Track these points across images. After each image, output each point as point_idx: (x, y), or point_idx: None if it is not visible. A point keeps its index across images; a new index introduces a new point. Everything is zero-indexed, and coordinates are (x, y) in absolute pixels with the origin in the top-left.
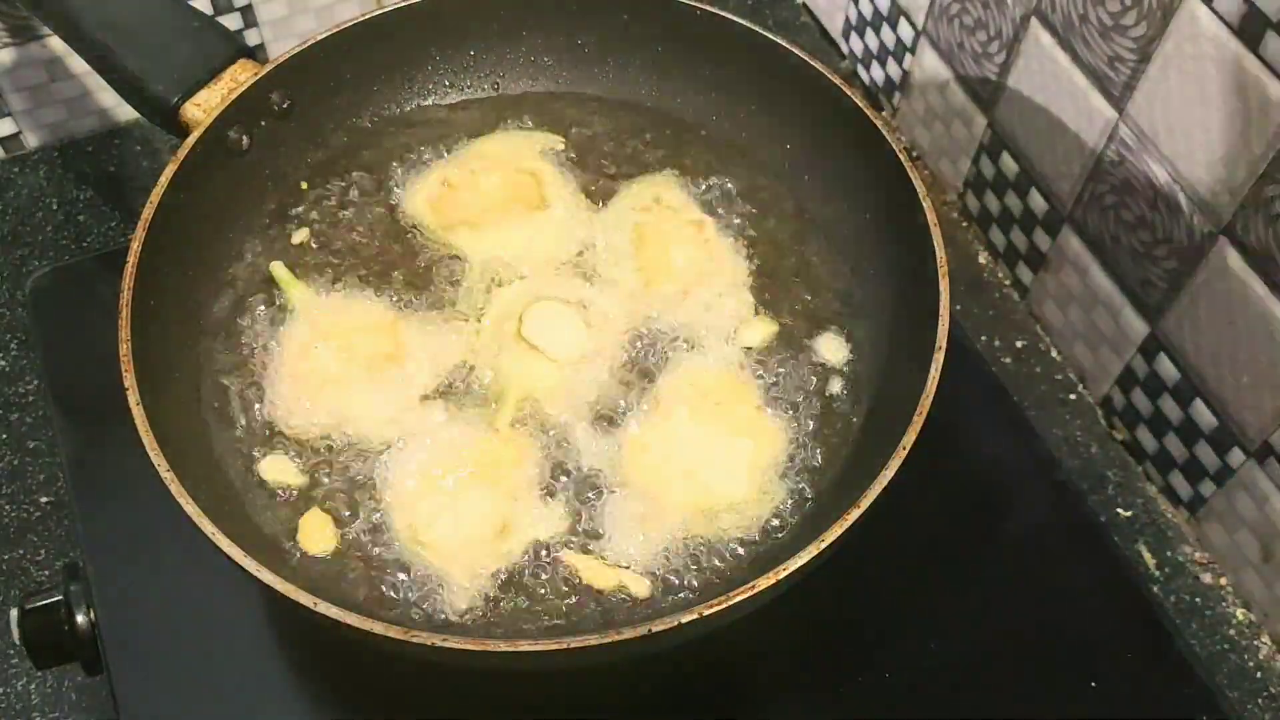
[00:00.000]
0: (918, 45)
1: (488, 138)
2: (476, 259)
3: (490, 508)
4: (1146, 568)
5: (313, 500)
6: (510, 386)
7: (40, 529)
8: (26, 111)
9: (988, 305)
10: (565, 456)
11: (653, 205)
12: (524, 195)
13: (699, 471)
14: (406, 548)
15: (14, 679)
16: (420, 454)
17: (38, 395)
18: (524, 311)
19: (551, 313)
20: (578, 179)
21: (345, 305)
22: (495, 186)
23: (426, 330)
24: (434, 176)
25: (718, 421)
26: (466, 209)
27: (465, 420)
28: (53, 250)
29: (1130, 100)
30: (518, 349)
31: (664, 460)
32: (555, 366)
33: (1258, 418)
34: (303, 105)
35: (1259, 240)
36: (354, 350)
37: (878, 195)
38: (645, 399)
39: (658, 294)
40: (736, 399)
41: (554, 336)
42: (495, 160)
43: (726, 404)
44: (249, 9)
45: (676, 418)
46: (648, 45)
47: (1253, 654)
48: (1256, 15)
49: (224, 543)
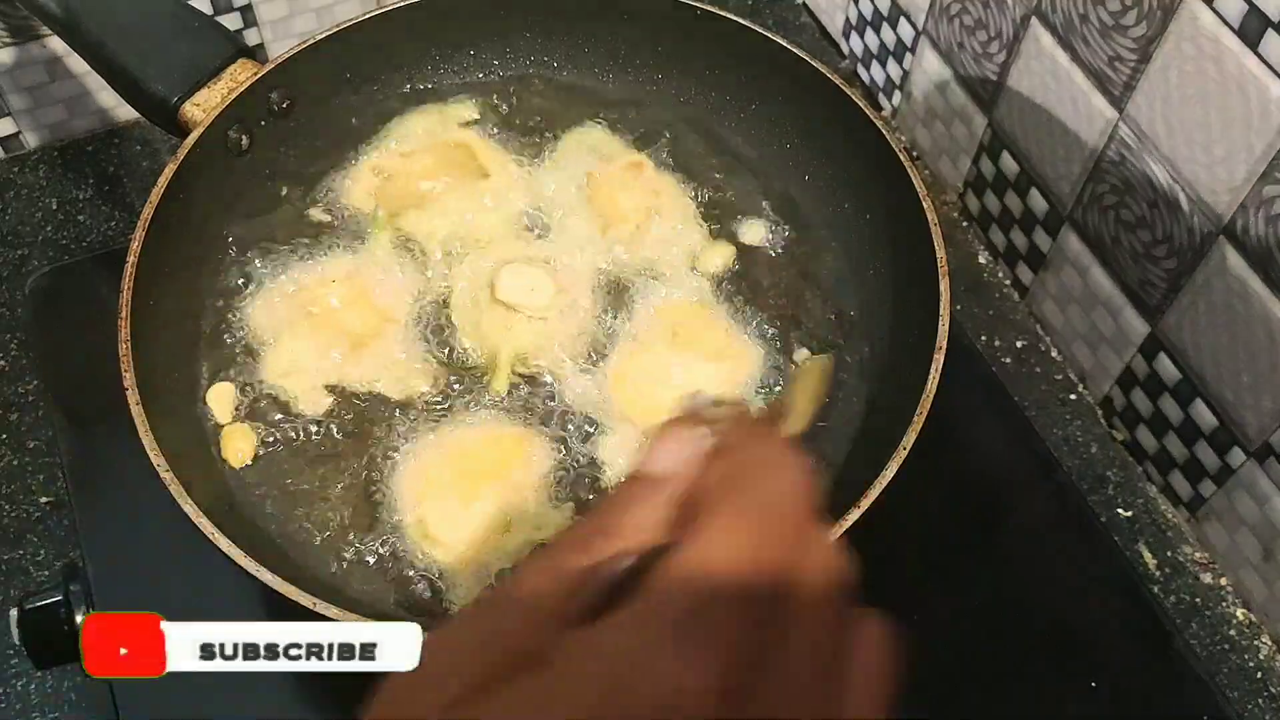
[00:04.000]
0: (918, 45)
1: (402, 119)
2: (435, 236)
3: (497, 504)
4: (1146, 568)
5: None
6: (500, 350)
7: (40, 529)
8: (26, 111)
9: (988, 305)
10: (561, 406)
11: (587, 155)
12: (461, 167)
13: (680, 394)
14: (415, 545)
15: (14, 679)
16: (429, 451)
17: (38, 395)
18: (494, 276)
19: (521, 272)
20: (507, 144)
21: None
22: (430, 165)
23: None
24: (364, 168)
25: (692, 347)
26: (408, 192)
27: (462, 393)
28: (53, 250)
29: (1130, 100)
30: (496, 313)
31: (648, 389)
32: (536, 322)
33: (1258, 418)
34: (303, 105)
35: (1259, 240)
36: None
37: (878, 195)
38: (623, 336)
39: (615, 237)
40: (705, 325)
41: (529, 293)
42: (419, 139)
43: (698, 330)
44: (249, 9)
45: (654, 349)
46: (647, 45)
47: (1253, 654)
48: (1257, 15)
49: (224, 543)
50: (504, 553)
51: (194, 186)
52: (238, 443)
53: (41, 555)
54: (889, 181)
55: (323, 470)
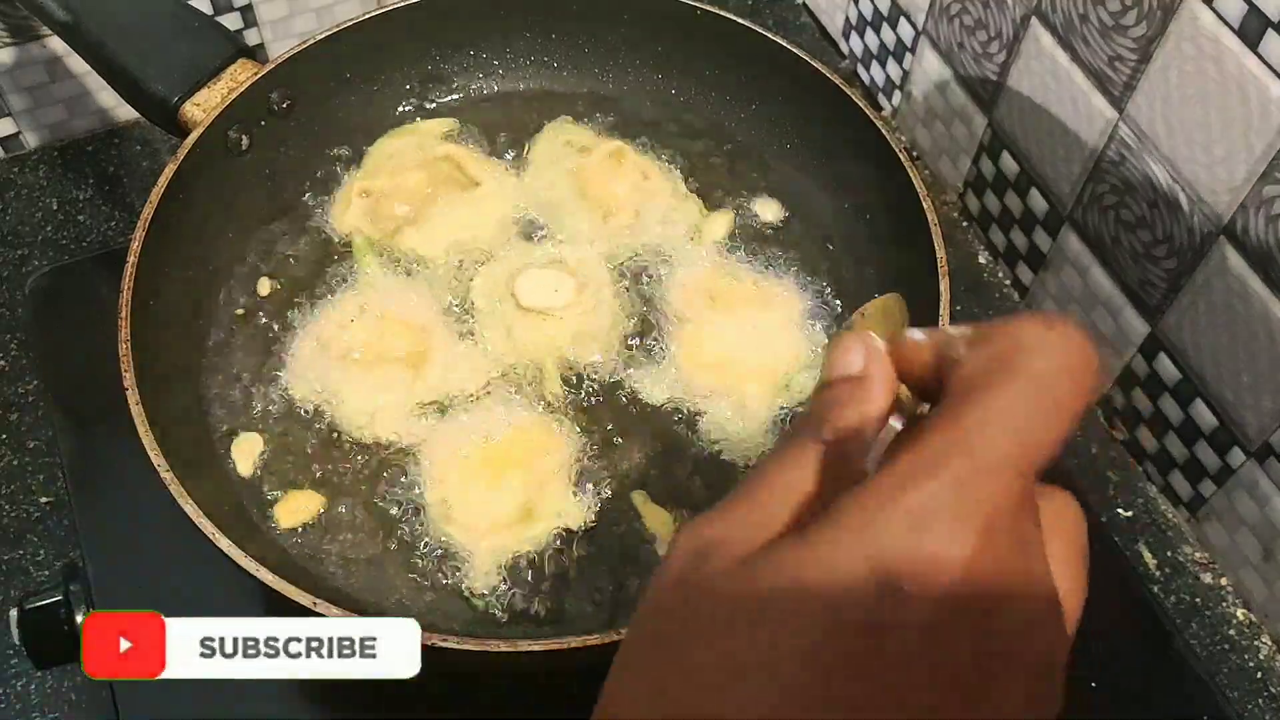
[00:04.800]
0: (918, 45)
1: (385, 139)
2: (436, 251)
3: (519, 491)
4: (1146, 568)
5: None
6: (543, 356)
7: (40, 529)
8: (26, 111)
9: (988, 305)
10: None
11: (567, 151)
12: (450, 179)
13: (750, 352)
14: (436, 527)
15: (14, 679)
16: (457, 437)
17: (38, 395)
18: (513, 286)
19: (539, 276)
20: (489, 152)
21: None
22: (419, 180)
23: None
24: (352, 190)
25: (736, 305)
26: (400, 211)
27: (517, 403)
28: (53, 250)
29: (1130, 100)
30: (526, 320)
31: (726, 356)
32: (568, 320)
33: (1258, 418)
34: (303, 105)
35: (1259, 240)
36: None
37: (878, 195)
38: (668, 319)
39: (618, 225)
40: (736, 283)
41: (553, 295)
42: (403, 157)
43: (732, 289)
44: (249, 9)
45: (706, 319)
46: (647, 45)
47: (1253, 654)
48: (1257, 15)
49: (224, 543)
50: (525, 539)
51: (194, 186)
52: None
53: (41, 555)
54: (889, 181)
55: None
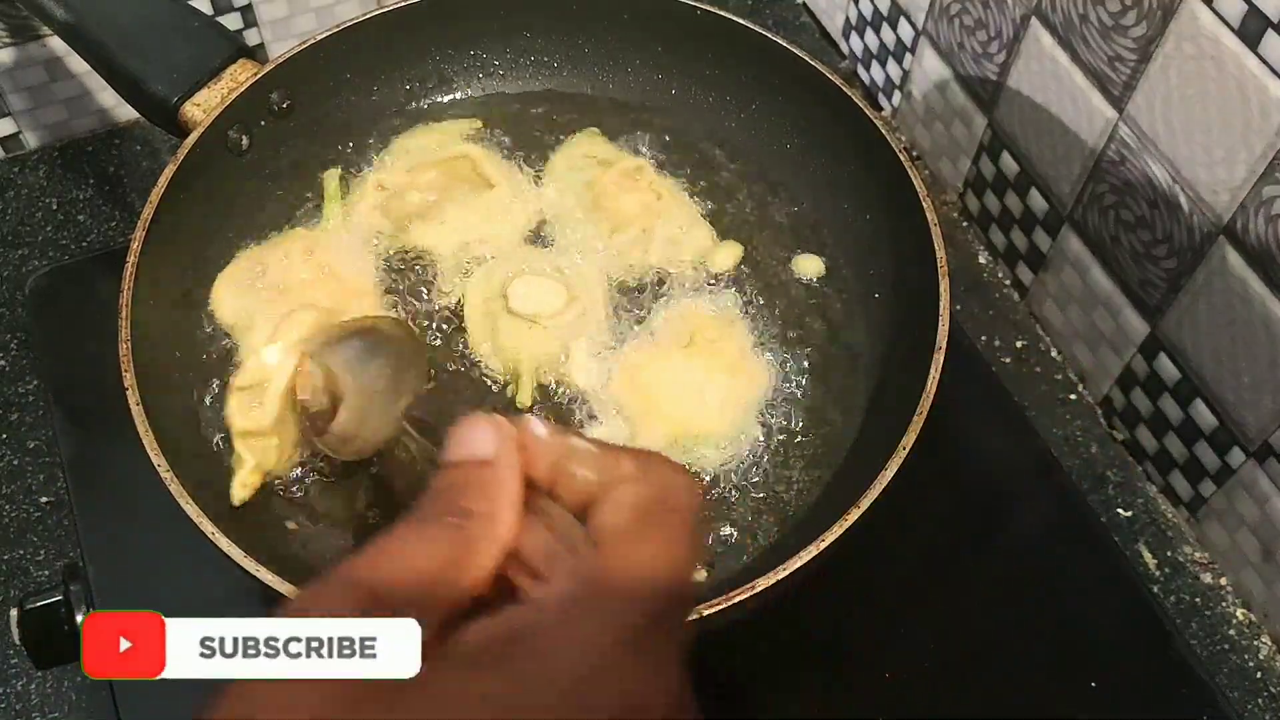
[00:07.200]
0: (918, 45)
1: (407, 135)
2: (444, 249)
3: None
4: (1146, 568)
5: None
6: (521, 362)
7: (40, 529)
8: (26, 111)
9: (988, 305)
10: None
11: (587, 161)
12: (466, 179)
13: (681, 401)
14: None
15: (14, 679)
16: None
17: (38, 395)
18: (506, 288)
19: (533, 283)
20: (508, 155)
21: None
22: (435, 178)
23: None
24: (369, 183)
25: (706, 356)
26: (413, 205)
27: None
28: (53, 250)
29: (1130, 100)
30: (511, 324)
31: (651, 388)
32: (553, 331)
33: (1258, 418)
34: (303, 105)
35: (1259, 240)
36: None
37: (878, 195)
38: (641, 332)
39: (623, 242)
40: (724, 337)
41: (543, 303)
42: (423, 153)
43: (716, 341)
44: (249, 9)
45: (669, 351)
46: (647, 45)
47: (1253, 654)
48: (1257, 15)
49: (224, 543)
50: None
51: (194, 186)
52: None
53: (41, 555)
54: (889, 181)
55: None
